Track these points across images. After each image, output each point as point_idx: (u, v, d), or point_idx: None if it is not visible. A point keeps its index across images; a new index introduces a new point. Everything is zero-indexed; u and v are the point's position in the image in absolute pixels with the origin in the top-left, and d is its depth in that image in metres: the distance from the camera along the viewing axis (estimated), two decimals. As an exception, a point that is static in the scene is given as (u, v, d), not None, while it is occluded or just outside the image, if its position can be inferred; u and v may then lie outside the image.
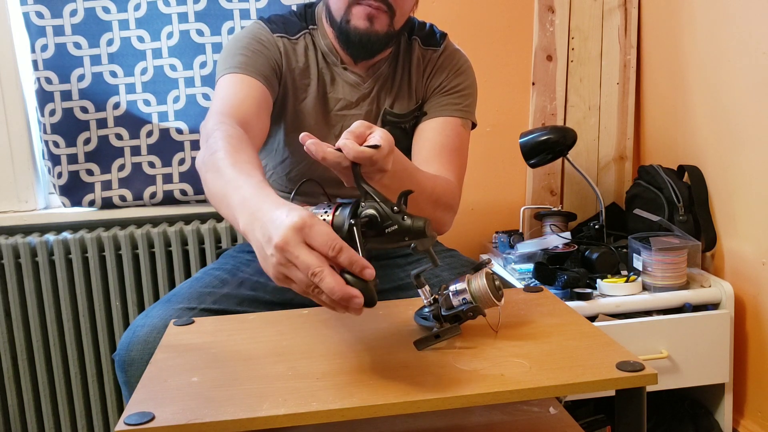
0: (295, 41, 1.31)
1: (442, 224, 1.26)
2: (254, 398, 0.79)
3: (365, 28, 1.22)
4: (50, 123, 1.89)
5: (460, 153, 1.33)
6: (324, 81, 1.33)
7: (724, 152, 1.78)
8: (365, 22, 1.22)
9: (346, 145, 0.88)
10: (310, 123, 1.32)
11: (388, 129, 1.14)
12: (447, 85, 1.35)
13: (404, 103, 1.35)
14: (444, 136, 1.31)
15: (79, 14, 1.87)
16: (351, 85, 1.33)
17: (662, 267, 1.69)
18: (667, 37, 2.00)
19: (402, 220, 0.88)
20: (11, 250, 1.87)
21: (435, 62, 1.36)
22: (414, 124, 1.36)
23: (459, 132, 1.33)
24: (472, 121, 1.38)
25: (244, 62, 1.23)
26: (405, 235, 0.88)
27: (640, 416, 0.85)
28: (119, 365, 1.11)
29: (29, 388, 1.93)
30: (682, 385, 1.69)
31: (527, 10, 2.11)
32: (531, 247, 1.86)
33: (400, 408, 0.77)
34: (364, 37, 1.23)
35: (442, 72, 1.35)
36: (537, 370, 0.84)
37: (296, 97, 1.32)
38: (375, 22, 1.22)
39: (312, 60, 1.32)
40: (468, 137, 1.37)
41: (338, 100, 1.33)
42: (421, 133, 1.33)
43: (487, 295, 0.95)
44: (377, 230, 0.87)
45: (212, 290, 1.23)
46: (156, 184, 1.96)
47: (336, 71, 1.33)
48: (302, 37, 1.32)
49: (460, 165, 1.32)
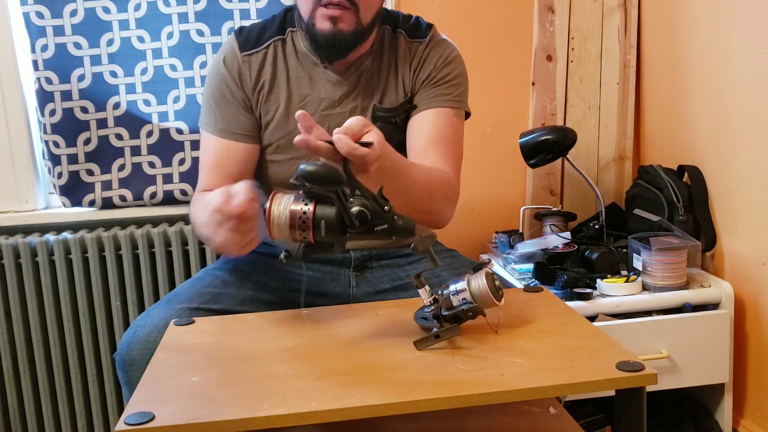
0: (264, 51, 1.32)
1: (441, 216, 1.25)
2: (254, 398, 0.80)
3: (330, 29, 1.22)
4: (50, 123, 1.89)
5: (455, 143, 1.32)
6: (301, 84, 1.32)
7: (724, 152, 1.78)
8: (329, 24, 1.22)
9: (340, 140, 0.88)
10: (287, 130, 1.31)
11: (378, 125, 1.17)
12: (436, 76, 1.33)
13: (393, 97, 1.34)
14: (438, 127, 1.30)
15: (79, 14, 1.87)
16: (333, 83, 1.32)
17: (662, 267, 1.69)
18: (667, 37, 2.00)
19: (392, 219, 0.89)
20: (11, 250, 1.87)
21: (422, 54, 1.35)
22: (405, 117, 1.34)
23: (452, 122, 1.32)
24: (465, 110, 1.37)
25: (219, 120, 1.32)
26: (393, 235, 0.90)
27: (640, 416, 0.85)
28: (120, 365, 1.11)
29: (29, 388, 1.93)
30: (682, 385, 1.69)
31: (527, 10, 2.11)
32: (531, 247, 1.86)
33: (400, 408, 0.78)
34: (330, 39, 1.23)
35: (430, 63, 1.34)
36: (537, 370, 0.84)
37: (267, 111, 1.32)
38: (339, 23, 1.22)
39: (281, 68, 1.32)
40: (462, 127, 1.36)
41: (321, 99, 1.32)
42: (414, 126, 1.32)
43: (487, 295, 0.95)
44: (367, 227, 0.89)
45: (213, 290, 1.24)
46: (156, 184, 1.96)
47: (316, 71, 1.32)
48: (272, 45, 1.33)
49: (456, 155, 1.31)
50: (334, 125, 1.29)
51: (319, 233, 0.88)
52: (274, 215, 0.90)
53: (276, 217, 0.90)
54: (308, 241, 0.90)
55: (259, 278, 1.31)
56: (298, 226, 0.89)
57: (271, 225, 0.90)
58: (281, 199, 0.90)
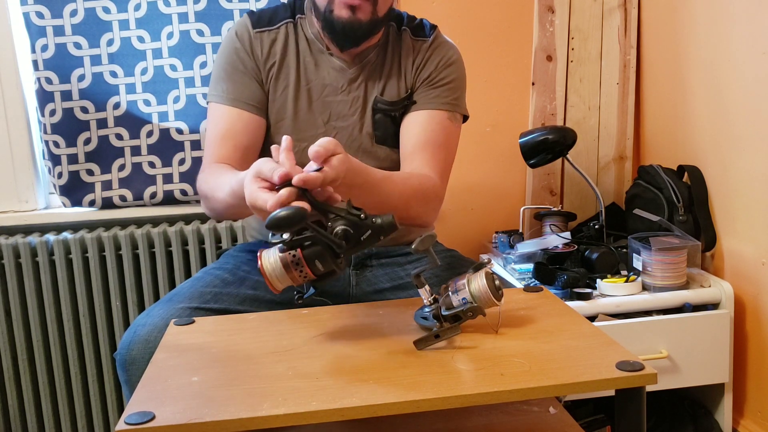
0: (276, 30, 1.35)
1: (420, 220, 1.28)
2: (254, 398, 0.80)
3: (348, 17, 1.25)
4: (50, 123, 1.89)
5: (445, 147, 1.34)
6: (307, 68, 1.35)
7: (724, 152, 1.78)
8: (347, 12, 1.25)
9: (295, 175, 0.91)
10: (292, 111, 1.34)
11: (378, 117, 1.24)
12: (435, 77, 1.36)
13: (394, 91, 1.36)
14: (429, 131, 1.33)
15: (79, 14, 1.88)
16: (337, 70, 1.35)
17: (662, 267, 1.69)
18: (667, 37, 2.00)
19: (372, 223, 0.92)
20: (11, 250, 1.87)
21: (425, 53, 1.37)
22: (403, 113, 1.37)
23: (445, 126, 1.34)
24: (461, 113, 1.39)
25: (229, 91, 1.32)
26: (380, 235, 0.93)
27: (640, 416, 0.85)
28: (120, 364, 1.12)
29: (29, 388, 1.93)
30: (681, 385, 1.69)
31: (527, 10, 2.11)
32: (531, 247, 1.86)
33: (400, 408, 0.78)
34: (347, 26, 1.26)
35: (432, 63, 1.37)
36: (537, 369, 0.84)
37: (275, 89, 1.34)
38: (357, 11, 1.25)
39: (291, 49, 1.35)
40: (456, 130, 1.38)
41: (324, 86, 1.35)
42: (408, 126, 1.35)
43: (487, 295, 0.95)
44: (354, 241, 0.92)
45: (213, 289, 1.24)
46: (156, 184, 1.96)
47: (322, 57, 1.35)
48: (284, 26, 1.35)
49: (445, 159, 1.34)
50: (336, 113, 1.34)
51: (317, 268, 0.91)
52: (268, 270, 0.92)
53: (271, 271, 0.92)
54: (310, 278, 0.92)
55: (259, 278, 1.31)
56: (295, 269, 0.91)
57: (271, 279, 0.93)
58: (268, 253, 0.93)
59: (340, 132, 1.35)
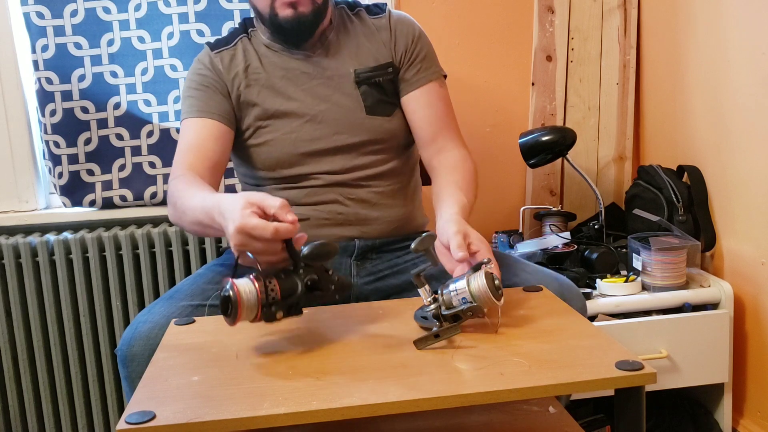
0: (233, 47, 1.41)
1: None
2: (255, 397, 0.80)
3: (292, 14, 1.31)
4: (51, 123, 1.90)
5: (450, 113, 1.44)
6: (275, 66, 1.39)
7: (723, 152, 1.78)
8: (290, 10, 1.31)
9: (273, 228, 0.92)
10: (272, 109, 1.37)
11: (363, 89, 1.36)
12: (413, 52, 1.42)
13: (371, 59, 1.41)
14: (433, 107, 1.41)
15: (79, 14, 1.88)
16: (302, 60, 1.39)
17: (662, 267, 1.69)
18: (667, 37, 2.00)
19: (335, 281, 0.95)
20: (12, 250, 1.87)
21: (390, 27, 1.43)
22: (390, 81, 1.41)
23: (441, 94, 1.44)
24: (444, 75, 1.46)
25: (195, 105, 1.37)
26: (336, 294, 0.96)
27: (640, 416, 0.85)
28: (121, 360, 1.12)
29: (30, 388, 1.94)
30: (681, 384, 1.69)
31: (527, 11, 2.11)
32: (531, 247, 1.86)
33: (400, 407, 0.78)
34: (294, 23, 1.32)
35: (402, 37, 1.42)
36: (537, 369, 0.84)
37: (250, 91, 1.38)
38: (299, 6, 1.31)
39: (252, 56, 1.40)
40: (447, 92, 1.46)
41: (297, 77, 1.39)
42: (413, 112, 1.41)
43: (486, 295, 0.95)
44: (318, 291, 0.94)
45: (214, 286, 1.24)
46: (156, 184, 1.96)
47: (283, 56, 1.40)
48: (239, 42, 1.42)
49: (455, 124, 1.44)
50: (320, 96, 1.38)
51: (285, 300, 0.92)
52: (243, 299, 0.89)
53: (246, 301, 0.89)
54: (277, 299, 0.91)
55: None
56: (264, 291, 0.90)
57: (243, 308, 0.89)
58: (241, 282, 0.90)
59: (329, 112, 1.37)
